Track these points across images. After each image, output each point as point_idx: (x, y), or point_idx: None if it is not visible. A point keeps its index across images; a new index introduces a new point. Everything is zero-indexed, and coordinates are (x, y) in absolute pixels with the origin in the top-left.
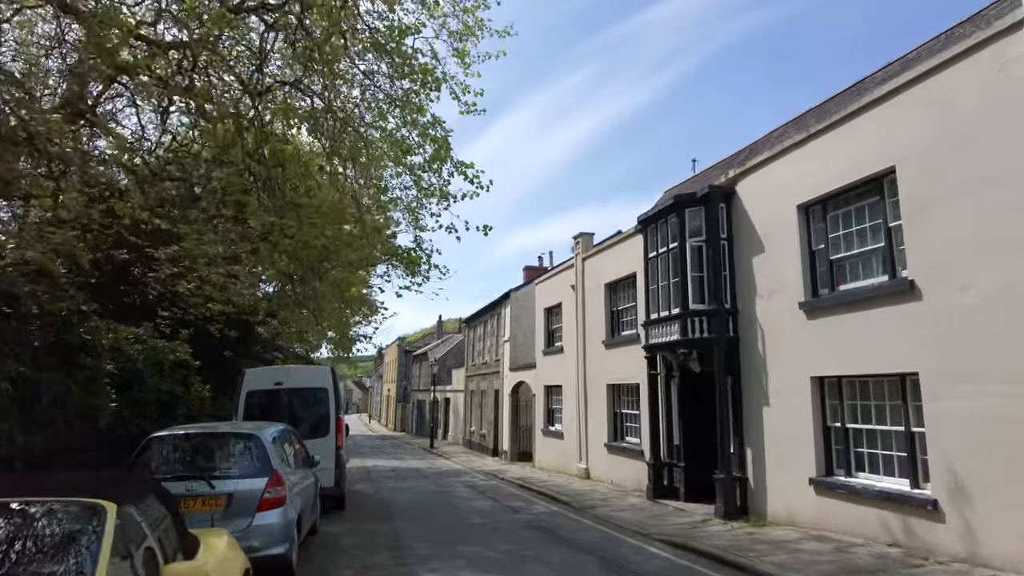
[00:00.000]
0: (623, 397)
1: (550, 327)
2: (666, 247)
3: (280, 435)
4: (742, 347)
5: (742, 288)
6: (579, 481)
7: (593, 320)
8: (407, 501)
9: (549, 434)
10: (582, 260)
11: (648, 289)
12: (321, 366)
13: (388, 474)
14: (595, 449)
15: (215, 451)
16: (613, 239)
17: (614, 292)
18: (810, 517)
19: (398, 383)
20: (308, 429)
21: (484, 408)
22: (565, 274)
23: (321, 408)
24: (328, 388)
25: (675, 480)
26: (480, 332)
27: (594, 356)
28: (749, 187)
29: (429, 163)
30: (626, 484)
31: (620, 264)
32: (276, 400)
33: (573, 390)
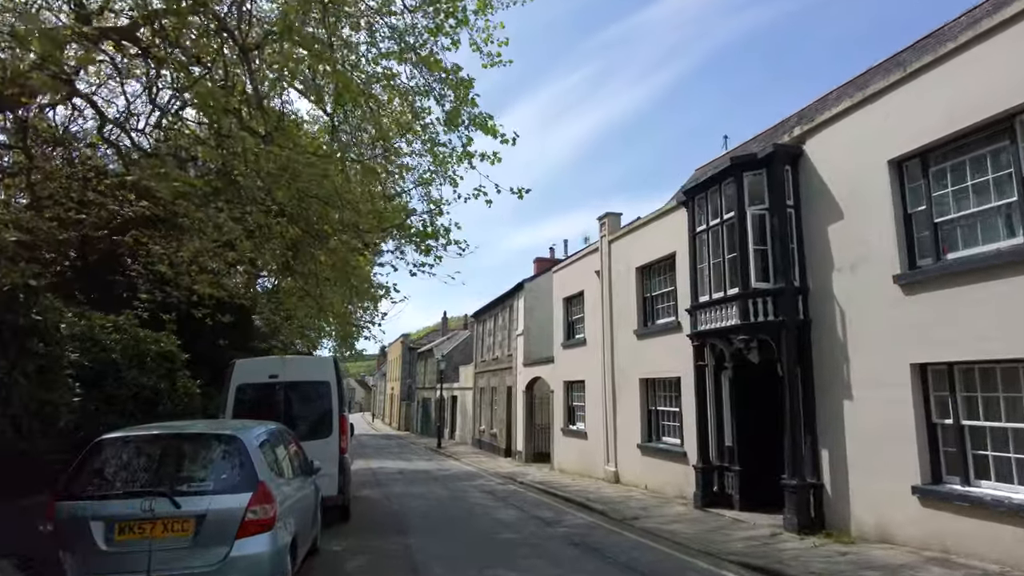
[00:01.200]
0: (659, 393)
1: (570, 318)
2: (719, 219)
3: (270, 436)
4: (815, 331)
5: (814, 262)
6: (608, 486)
7: (622, 308)
8: (419, 510)
9: (570, 434)
10: (608, 243)
11: (695, 269)
12: (322, 357)
13: (395, 477)
14: (626, 450)
15: (183, 458)
16: (646, 217)
17: (647, 276)
18: (914, 534)
19: (402, 381)
20: (307, 429)
21: (495, 406)
22: (588, 259)
23: (322, 405)
24: (330, 382)
25: (727, 486)
26: (490, 326)
27: (624, 348)
28: (822, 144)
29: (449, 117)
30: (665, 490)
31: (655, 244)
32: (270, 396)
33: (598, 385)
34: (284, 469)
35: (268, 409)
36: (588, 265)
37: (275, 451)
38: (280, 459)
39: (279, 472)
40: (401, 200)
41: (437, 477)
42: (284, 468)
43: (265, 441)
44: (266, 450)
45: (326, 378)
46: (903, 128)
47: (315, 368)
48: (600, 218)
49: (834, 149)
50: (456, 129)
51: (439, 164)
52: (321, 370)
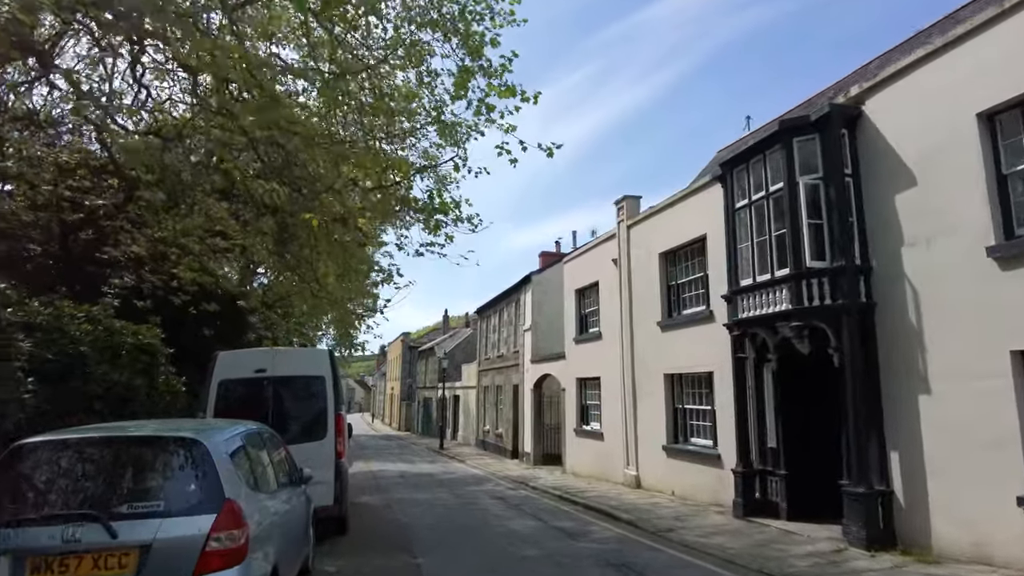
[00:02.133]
0: (688, 389)
1: (583, 311)
2: (763, 192)
3: (247, 440)
4: (880, 315)
5: (878, 236)
6: (629, 491)
7: (643, 298)
8: (426, 519)
9: (584, 434)
10: (627, 228)
11: (733, 251)
12: (316, 350)
13: (397, 481)
14: (648, 452)
15: (127, 469)
16: (672, 198)
17: (672, 262)
18: (1020, 555)
19: (402, 381)
20: (300, 430)
21: (501, 405)
22: (603, 247)
23: (316, 403)
24: (325, 377)
25: (771, 492)
26: (494, 322)
27: (646, 341)
28: (888, 103)
29: (461, 76)
30: (695, 496)
31: (682, 227)
32: (257, 393)
33: (616, 382)
34: (265, 480)
35: (255, 408)
36: (603, 253)
37: (253, 458)
38: (260, 468)
39: (257, 485)
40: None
41: (442, 481)
42: (265, 479)
43: (239, 447)
44: (239, 458)
45: (320, 373)
46: (997, 76)
47: (308, 362)
48: (617, 202)
49: (903, 107)
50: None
51: (446, 135)
52: (315, 364)
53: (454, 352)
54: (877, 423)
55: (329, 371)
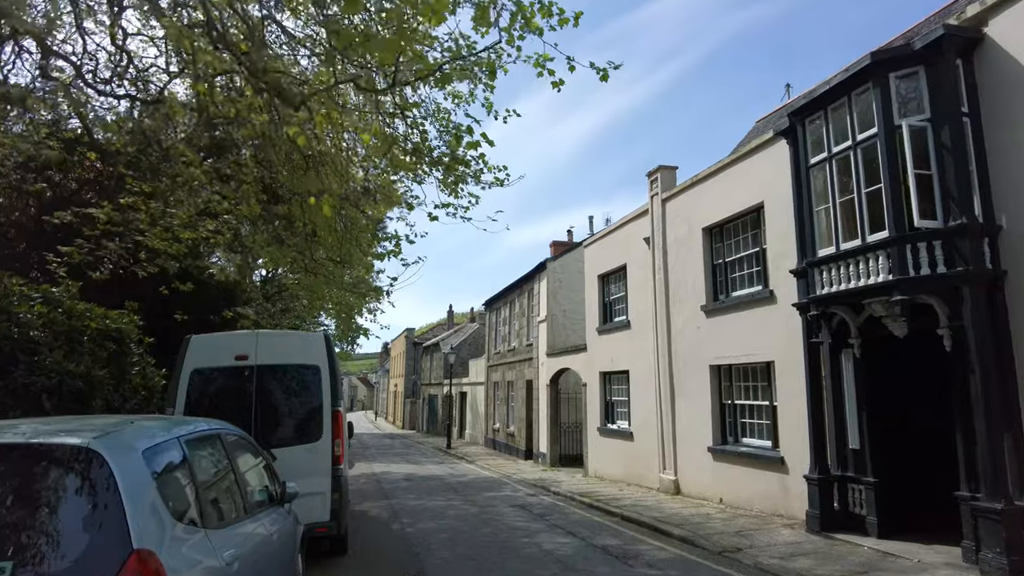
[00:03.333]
0: (739, 382)
1: (607, 298)
2: (849, 141)
3: (193, 446)
4: (1013, 286)
5: (1009, 188)
6: (668, 498)
7: (683, 280)
8: (439, 535)
9: (609, 434)
10: (662, 202)
11: (806, 216)
12: (309, 334)
13: (402, 484)
14: (690, 454)
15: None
16: (719, 164)
17: (719, 238)
18: None
19: (406, 377)
20: (289, 431)
21: (512, 402)
22: (632, 226)
23: (309, 398)
24: (320, 367)
25: (855, 503)
26: (505, 314)
27: (686, 328)
28: (1018, 23)
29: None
30: (751, 505)
31: (730, 197)
32: (238, 386)
33: (649, 376)
34: (227, 505)
35: (235, 404)
36: (632, 233)
37: (202, 475)
38: (217, 489)
39: (204, 515)
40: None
41: (453, 485)
42: (228, 503)
43: (175, 461)
44: (174, 477)
45: (314, 361)
46: None
47: (300, 347)
48: (650, 173)
49: None
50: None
51: (461, 71)
52: (307, 350)
53: (460, 347)
54: (1014, 421)
55: (325, 359)
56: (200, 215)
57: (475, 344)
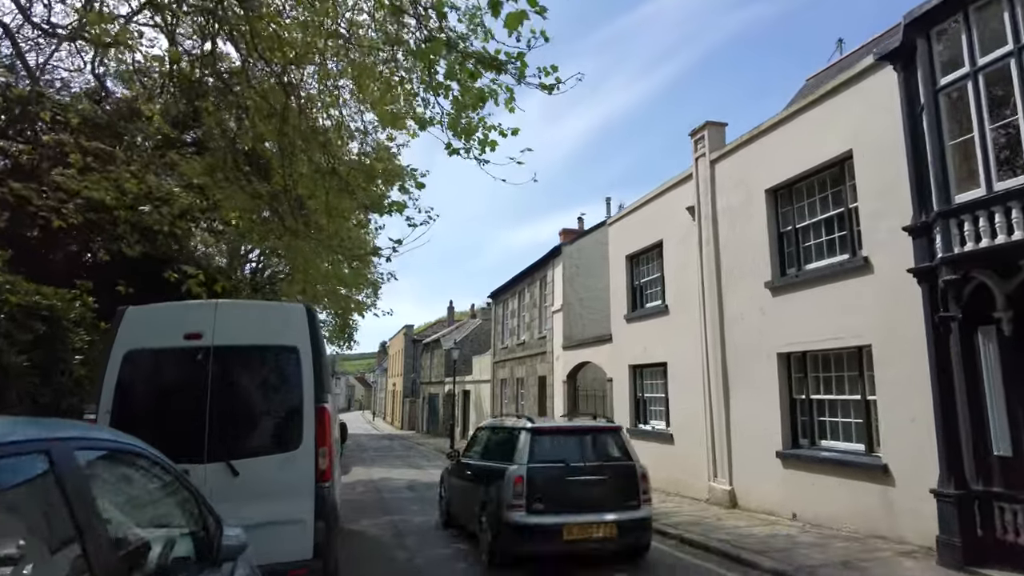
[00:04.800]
0: (815, 373)
1: (637, 280)
2: (1009, 45)
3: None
4: None
5: None
6: (725, 512)
7: (739, 254)
8: (458, 564)
9: (641, 435)
10: (710, 164)
11: (936, 153)
12: (286, 305)
13: (405, 494)
14: (750, 460)
15: None
16: (784, 113)
17: (786, 200)
18: None
19: (405, 376)
20: (258, 437)
21: (523, 400)
22: (670, 196)
23: (285, 391)
24: (301, 348)
25: (1006, 528)
26: (513, 306)
27: (744, 310)
28: None
29: None
30: (838, 522)
31: (805, 148)
32: (188, 374)
33: (692, 368)
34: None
35: (183, 399)
36: (670, 204)
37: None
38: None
39: None
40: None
41: None
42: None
43: None
44: None
45: (292, 341)
46: None
47: (273, 323)
48: (695, 132)
49: None
50: None
51: None
52: (284, 326)
53: (462, 344)
54: None
55: (307, 339)
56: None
57: (477, 340)
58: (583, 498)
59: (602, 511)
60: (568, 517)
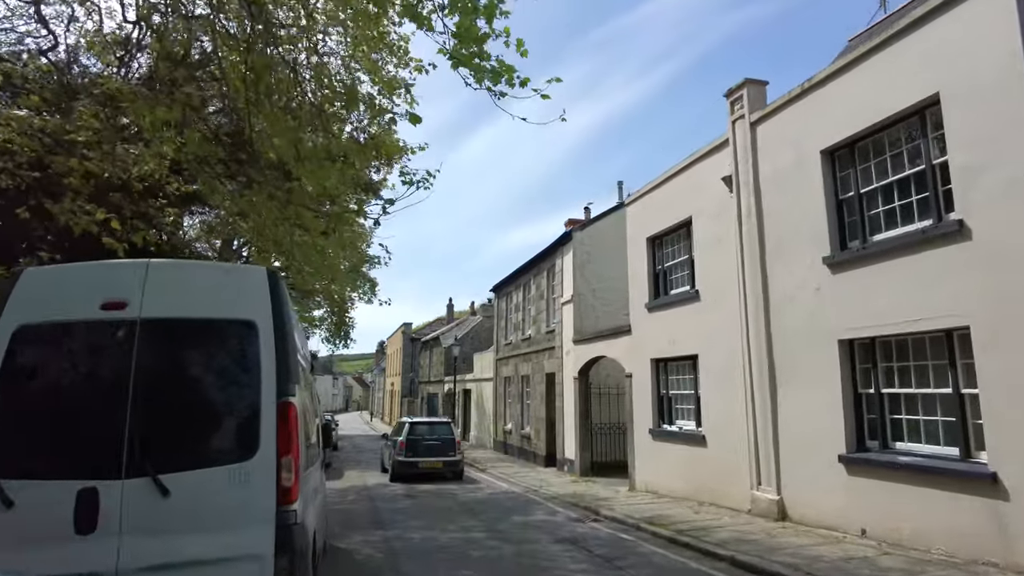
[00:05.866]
0: (887, 362)
1: (660, 265)
2: None
3: None
4: None
5: None
6: (776, 527)
7: (788, 226)
8: None
9: (666, 437)
10: (750, 126)
11: None
12: (240, 268)
13: (401, 503)
14: (803, 465)
15: None
16: (844, 60)
17: (847, 161)
18: None
19: (403, 375)
20: (198, 442)
21: (528, 399)
22: (701, 167)
23: (237, 380)
24: (259, 323)
25: None
26: (518, 299)
27: (796, 290)
28: None
29: None
30: (922, 541)
31: (874, 96)
32: (104, 356)
33: (731, 360)
34: None
35: (93, 391)
36: (700, 176)
37: None
38: None
39: None
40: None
41: (468, 504)
42: None
43: None
44: None
45: (247, 314)
46: None
47: (222, 291)
48: (730, 91)
49: None
50: None
51: None
52: (237, 295)
53: (463, 341)
54: None
55: (267, 311)
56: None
57: (478, 338)
58: (428, 450)
59: (437, 456)
60: (422, 458)
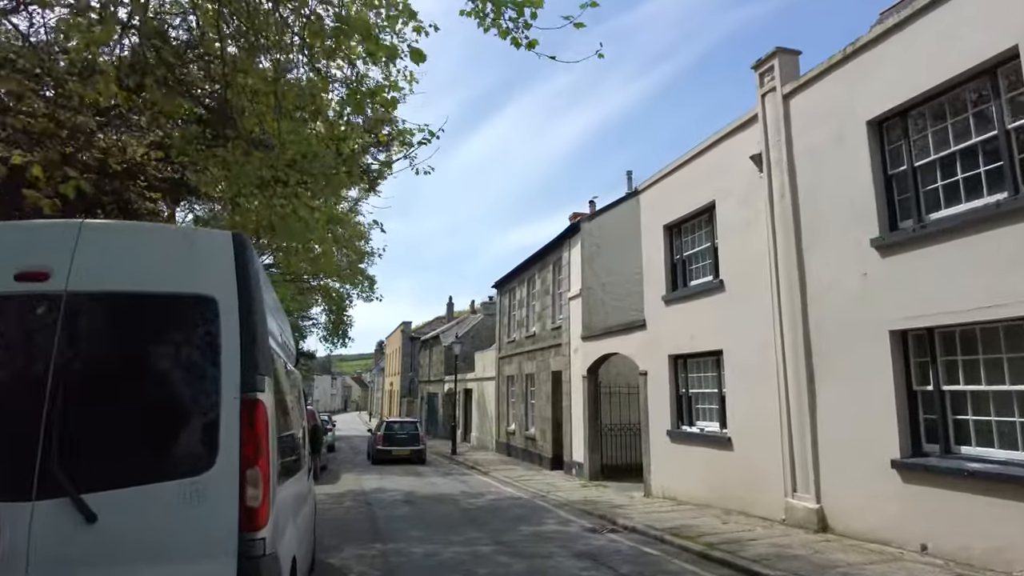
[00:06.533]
0: (947, 355)
1: (678, 254)
2: None
3: None
4: None
5: None
6: (818, 540)
7: (828, 205)
8: None
9: (686, 439)
10: (783, 99)
11: None
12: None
13: (401, 512)
14: (845, 470)
15: None
16: (890, 22)
17: (899, 130)
18: None
19: (403, 375)
20: (142, 452)
21: (533, 399)
22: (725, 147)
23: (190, 373)
24: (220, 300)
25: None
26: (521, 295)
27: (839, 277)
28: None
29: None
30: (999, 560)
31: (931, 56)
32: (21, 341)
33: (760, 355)
34: None
35: (3, 386)
36: (725, 156)
37: None
38: None
39: None
40: None
41: (472, 513)
42: None
43: None
44: None
45: (206, 289)
46: None
47: (173, 259)
48: (760, 63)
49: None
50: None
51: None
52: (192, 265)
53: (464, 340)
54: None
55: (232, 285)
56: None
57: (479, 337)
58: (400, 442)
59: (406, 446)
60: (395, 447)
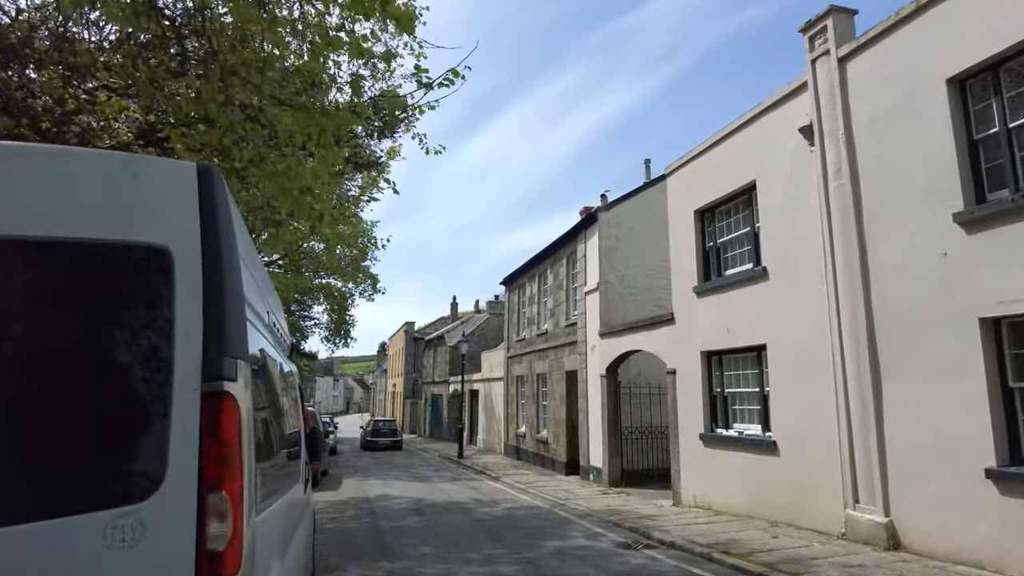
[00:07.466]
0: None
1: (711, 241)
2: None
3: None
4: None
5: None
6: (883, 556)
7: (893, 180)
8: None
9: (722, 443)
10: (838, 63)
11: None
12: (153, 159)
13: (410, 523)
14: (921, 480)
15: None
16: None
17: (983, 90)
18: None
19: (406, 376)
20: (53, 470)
21: (545, 400)
22: (767, 120)
23: (131, 355)
24: (177, 254)
25: None
26: (532, 291)
27: (906, 260)
28: None
29: None
30: None
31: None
32: None
33: (812, 349)
34: None
35: None
36: (768, 130)
37: None
38: None
39: None
40: None
41: (488, 524)
42: None
43: None
44: None
45: (156, 237)
46: None
47: (107, 199)
48: (809, 25)
49: None
50: None
51: None
52: (135, 207)
53: (469, 339)
54: None
55: (194, 235)
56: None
57: (484, 337)
58: (383, 434)
59: (388, 437)
60: (379, 438)
